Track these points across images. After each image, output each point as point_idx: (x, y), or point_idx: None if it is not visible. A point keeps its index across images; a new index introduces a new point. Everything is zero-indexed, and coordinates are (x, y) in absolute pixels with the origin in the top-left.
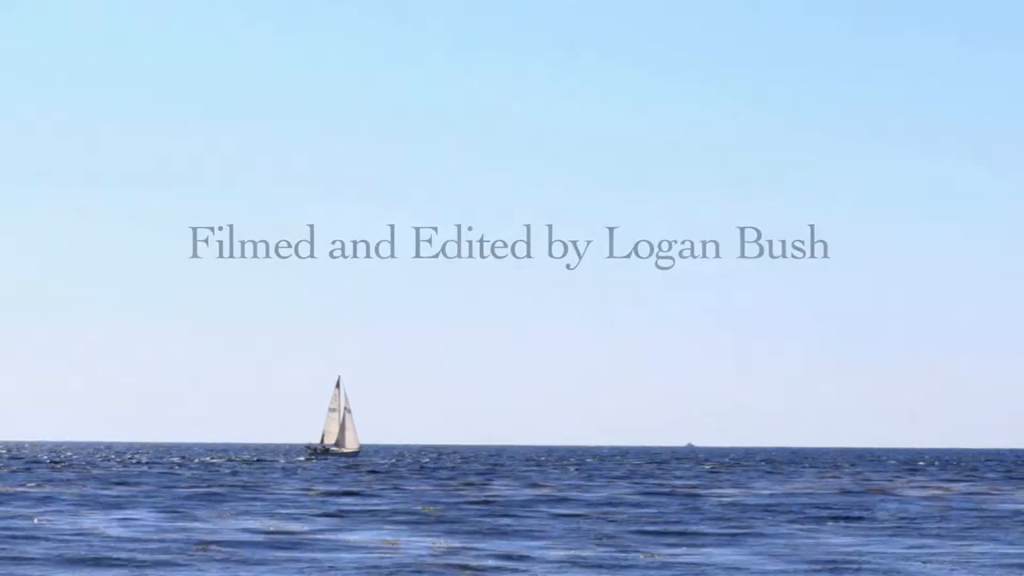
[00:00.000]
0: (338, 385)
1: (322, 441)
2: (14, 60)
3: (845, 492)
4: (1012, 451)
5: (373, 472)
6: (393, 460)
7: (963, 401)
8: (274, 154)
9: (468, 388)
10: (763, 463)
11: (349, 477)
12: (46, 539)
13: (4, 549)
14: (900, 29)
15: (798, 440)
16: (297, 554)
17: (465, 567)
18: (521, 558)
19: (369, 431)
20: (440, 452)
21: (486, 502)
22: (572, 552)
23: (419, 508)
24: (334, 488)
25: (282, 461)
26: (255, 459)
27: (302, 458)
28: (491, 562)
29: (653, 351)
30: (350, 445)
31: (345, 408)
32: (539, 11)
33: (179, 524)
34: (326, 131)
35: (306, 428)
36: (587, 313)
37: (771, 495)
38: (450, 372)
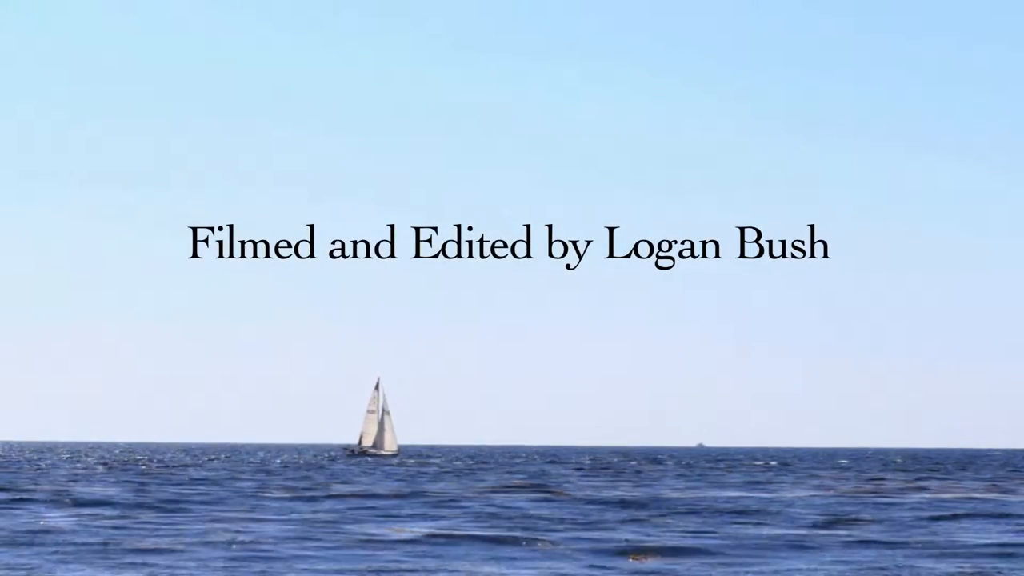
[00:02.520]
0: (377, 387)
1: (360, 443)
2: (14, 60)
3: None
4: (1015, 451)
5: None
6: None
7: (963, 401)
8: (274, 154)
9: (468, 388)
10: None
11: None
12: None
13: None
14: (900, 29)
15: (800, 440)
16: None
17: None
18: None
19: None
20: (461, 454)
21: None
22: None
23: None
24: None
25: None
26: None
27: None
28: None
29: (653, 351)
30: (389, 447)
31: (384, 410)
32: (540, 12)
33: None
34: (326, 131)
35: (309, 428)
36: (587, 313)
37: None
38: (450, 372)
